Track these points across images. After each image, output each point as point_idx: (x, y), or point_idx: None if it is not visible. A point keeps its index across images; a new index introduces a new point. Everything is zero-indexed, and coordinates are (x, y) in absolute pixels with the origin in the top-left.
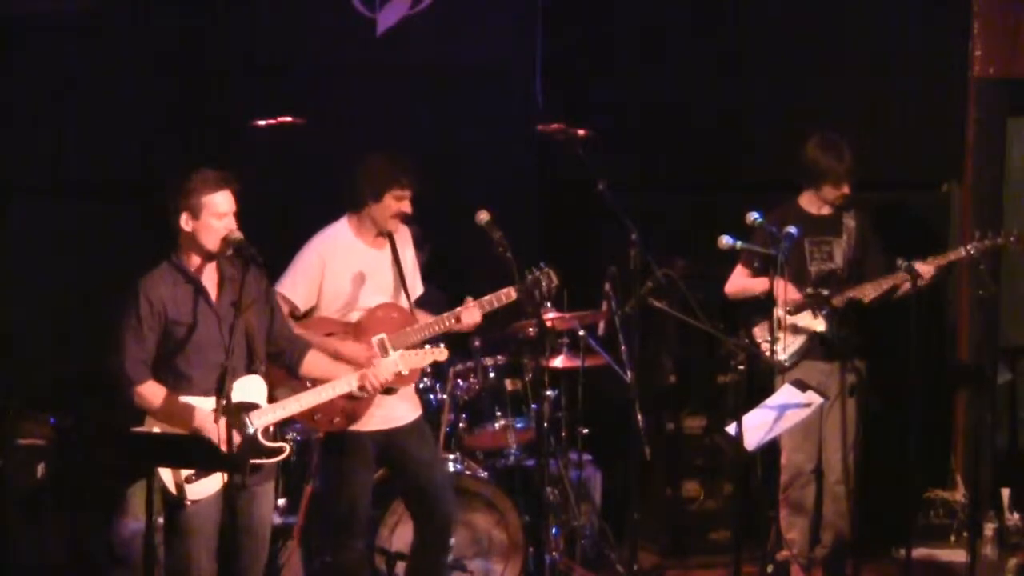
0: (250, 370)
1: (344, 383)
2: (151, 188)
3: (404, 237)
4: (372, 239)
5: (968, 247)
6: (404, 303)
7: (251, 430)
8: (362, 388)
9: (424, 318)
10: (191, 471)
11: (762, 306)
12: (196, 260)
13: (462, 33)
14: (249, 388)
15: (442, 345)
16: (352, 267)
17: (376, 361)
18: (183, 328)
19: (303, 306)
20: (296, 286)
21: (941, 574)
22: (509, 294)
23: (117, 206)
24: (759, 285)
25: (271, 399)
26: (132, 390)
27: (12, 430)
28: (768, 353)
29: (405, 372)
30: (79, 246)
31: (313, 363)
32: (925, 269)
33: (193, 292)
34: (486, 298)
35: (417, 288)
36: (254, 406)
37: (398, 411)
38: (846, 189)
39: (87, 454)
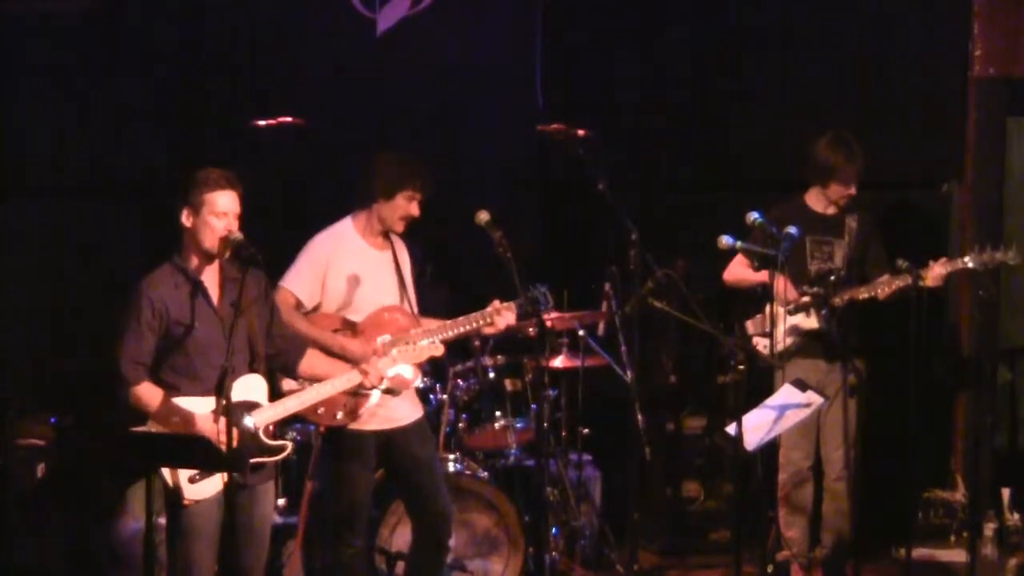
0: (251, 369)
1: (343, 380)
2: (151, 188)
3: (400, 244)
4: (375, 240)
5: (966, 259)
6: (406, 305)
7: (252, 428)
8: (362, 383)
9: (428, 323)
10: (195, 472)
11: (758, 300)
12: (197, 260)
13: (462, 33)
14: (250, 387)
15: (438, 340)
16: (355, 266)
17: (374, 359)
18: (184, 328)
19: (308, 302)
20: (302, 282)
21: (941, 574)
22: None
23: (117, 206)
24: (758, 278)
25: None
26: (128, 390)
27: (12, 430)
28: (760, 348)
29: (400, 363)
30: (79, 246)
31: (311, 362)
32: (932, 276)
33: (194, 293)
34: (487, 310)
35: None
36: (255, 405)
37: (400, 411)
38: (852, 190)
39: (87, 454)
